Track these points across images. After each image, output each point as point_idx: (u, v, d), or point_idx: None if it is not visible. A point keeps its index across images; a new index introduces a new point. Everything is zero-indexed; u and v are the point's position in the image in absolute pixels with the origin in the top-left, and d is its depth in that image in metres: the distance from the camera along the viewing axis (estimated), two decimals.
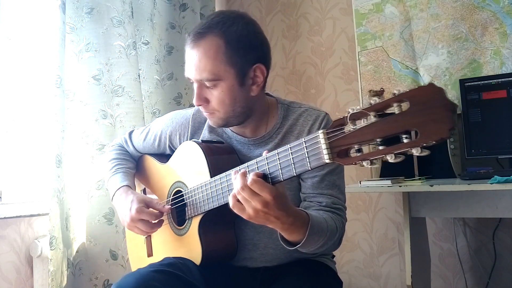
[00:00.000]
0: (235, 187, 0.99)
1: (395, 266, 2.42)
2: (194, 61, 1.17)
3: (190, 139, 1.33)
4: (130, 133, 1.51)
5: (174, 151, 1.37)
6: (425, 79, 2.29)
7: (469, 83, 2.04)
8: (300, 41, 2.69)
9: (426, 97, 0.74)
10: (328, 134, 0.86)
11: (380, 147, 0.79)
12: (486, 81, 2.01)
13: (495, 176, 1.62)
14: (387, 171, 2.06)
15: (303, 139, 0.91)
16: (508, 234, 2.13)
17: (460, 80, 2.08)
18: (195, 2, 2.45)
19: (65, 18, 1.86)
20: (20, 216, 1.80)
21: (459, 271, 2.24)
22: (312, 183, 1.20)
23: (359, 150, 0.83)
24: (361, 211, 2.50)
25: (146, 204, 1.26)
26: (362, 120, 0.81)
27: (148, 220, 1.24)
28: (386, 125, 0.78)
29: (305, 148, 0.91)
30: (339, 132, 0.84)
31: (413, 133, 0.75)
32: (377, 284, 2.46)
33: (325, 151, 0.87)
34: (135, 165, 1.49)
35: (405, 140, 0.76)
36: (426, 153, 0.75)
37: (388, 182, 1.87)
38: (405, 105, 0.76)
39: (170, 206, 1.29)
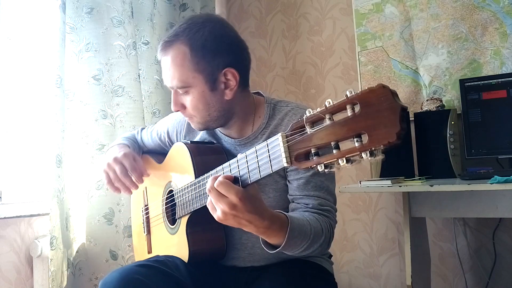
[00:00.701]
0: None
1: (395, 266, 2.42)
2: (165, 69, 1.20)
3: (184, 137, 1.37)
4: (142, 129, 1.58)
5: None
6: (425, 79, 2.29)
7: (469, 83, 2.04)
8: (300, 41, 2.69)
9: (375, 99, 0.71)
10: (287, 137, 0.84)
11: (334, 151, 0.76)
12: (486, 81, 2.01)
13: (495, 176, 1.61)
14: (387, 171, 2.06)
15: (266, 141, 0.90)
16: (508, 234, 2.13)
17: (460, 80, 2.08)
18: (195, 2, 2.45)
19: (65, 18, 1.86)
20: (20, 216, 1.80)
21: (459, 271, 2.24)
22: (298, 185, 1.18)
23: (317, 154, 0.80)
24: (361, 211, 2.50)
25: (134, 158, 1.33)
26: (323, 123, 0.79)
27: (125, 167, 1.30)
28: (339, 129, 0.75)
29: (268, 151, 0.89)
30: (298, 135, 0.82)
31: (364, 136, 0.72)
32: (377, 284, 2.46)
33: (283, 154, 0.84)
34: (141, 150, 1.56)
35: (356, 144, 0.72)
36: (379, 157, 0.71)
37: (388, 182, 1.87)
38: (357, 108, 0.73)
39: (148, 174, 1.34)
